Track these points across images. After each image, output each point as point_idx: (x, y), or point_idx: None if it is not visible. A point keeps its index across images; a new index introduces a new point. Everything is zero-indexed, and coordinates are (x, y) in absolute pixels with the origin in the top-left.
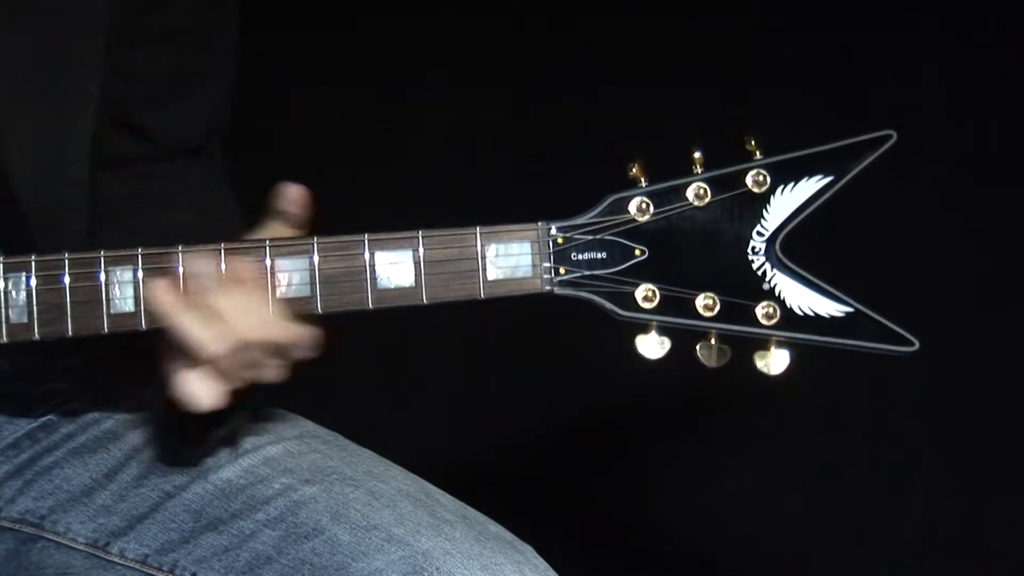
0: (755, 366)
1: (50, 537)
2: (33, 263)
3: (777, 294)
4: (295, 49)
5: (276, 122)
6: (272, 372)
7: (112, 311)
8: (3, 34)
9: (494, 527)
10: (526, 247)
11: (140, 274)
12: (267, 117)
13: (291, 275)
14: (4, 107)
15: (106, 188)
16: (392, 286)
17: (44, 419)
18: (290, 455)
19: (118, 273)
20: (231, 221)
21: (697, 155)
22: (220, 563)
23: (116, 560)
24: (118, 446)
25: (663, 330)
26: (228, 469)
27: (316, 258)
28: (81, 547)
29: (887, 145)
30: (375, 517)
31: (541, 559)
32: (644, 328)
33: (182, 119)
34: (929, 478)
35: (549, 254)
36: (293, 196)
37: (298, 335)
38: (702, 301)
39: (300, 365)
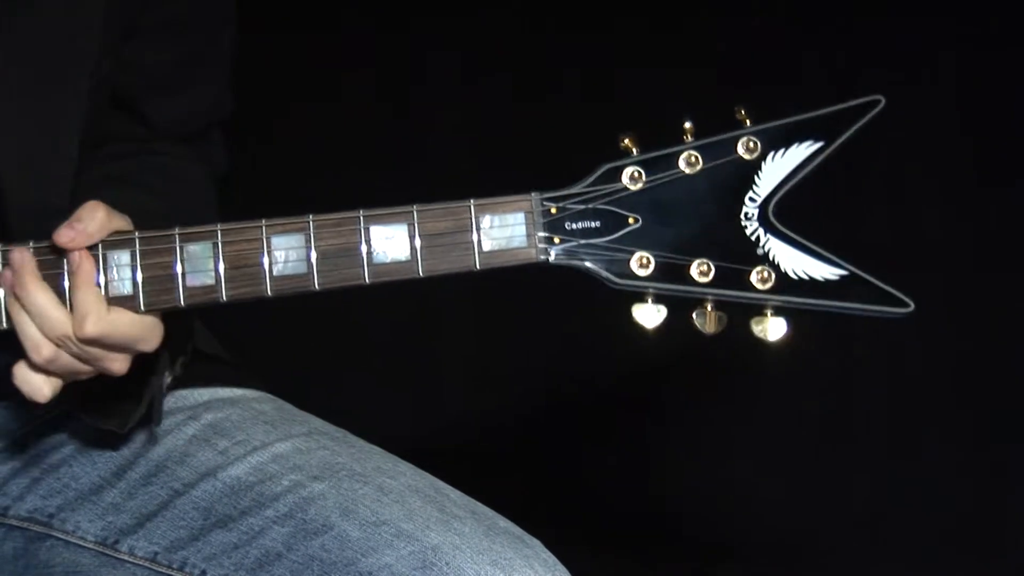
0: (752, 333)
1: (59, 536)
2: (32, 249)
3: (771, 259)
4: (290, 40)
5: (275, 112)
6: (116, 364)
7: (110, 294)
8: None
9: (503, 522)
10: (520, 218)
11: (138, 257)
12: (266, 108)
13: (287, 253)
14: None
15: (88, 164)
16: (388, 260)
17: (51, 415)
18: (299, 452)
19: (116, 256)
20: (199, 203)
21: (688, 125)
22: (230, 560)
23: (125, 558)
24: (126, 444)
25: (659, 298)
26: (237, 466)
27: (311, 235)
28: (90, 545)
29: (876, 110)
30: (384, 513)
31: (550, 553)
32: (640, 297)
33: (179, 109)
34: (937, 466)
35: (543, 224)
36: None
37: (128, 331)
38: (697, 267)
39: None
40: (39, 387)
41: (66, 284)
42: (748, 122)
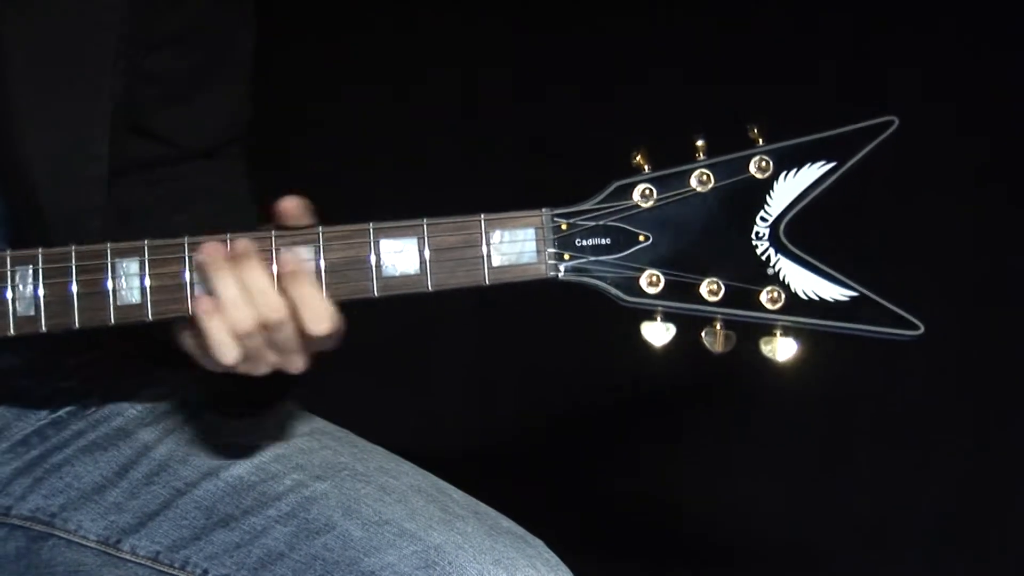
0: (761, 352)
1: (61, 535)
2: (40, 256)
3: (781, 279)
4: (302, 49)
5: (287, 123)
6: (302, 362)
7: (119, 303)
8: (21, 33)
9: (506, 522)
10: (530, 233)
11: (147, 265)
12: (279, 120)
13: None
14: (23, 104)
15: (123, 193)
16: (397, 274)
17: (54, 416)
18: (301, 452)
19: (124, 265)
20: (247, 217)
21: (700, 142)
22: (232, 559)
23: (127, 557)
24: (128, 443)
25: (668, 316)
26: (239, 466)
27: (321, 247)
28: (92, 545)
29: (889, 131)
30: (386, 512)
31: (552, 553)
32: (649, 314)
33: (199, 121)
34: (938, 472)
35: (553, 240)
36: (291, 210)
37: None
38: (707, 286)
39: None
40: (230, 347)
41: (74, 289)
42: (760, 141)
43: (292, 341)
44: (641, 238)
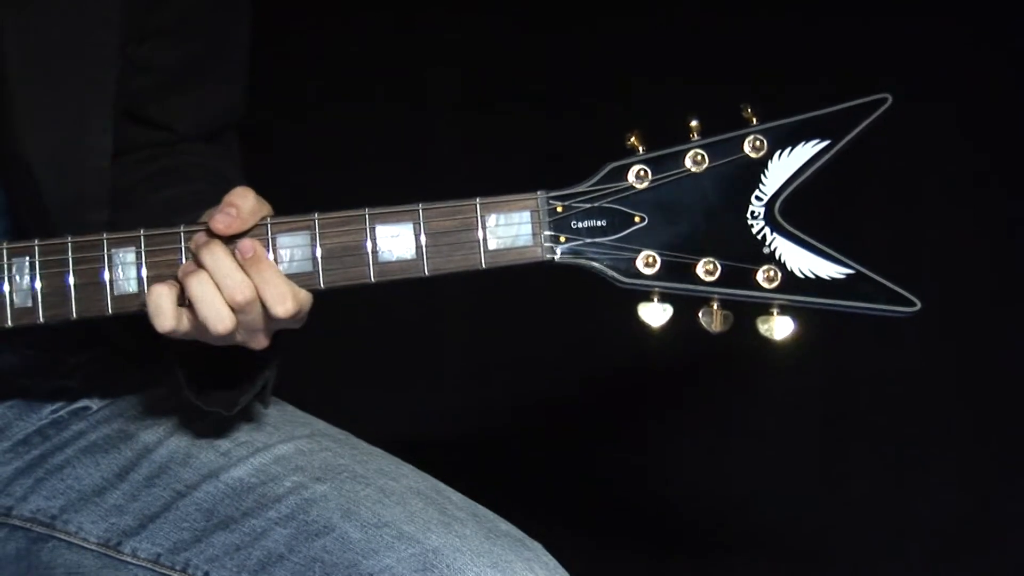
0: (758, 332)
1: (61, 536)
2: (36, 247)
3: (778, 257)
4: (291, 40)
5: (278, 113)
6: (264, 339)
7: (116, 292)
8: (19, 28)
9: (504, 525)
10: (526, 216)
11: (143, 255)
12: (270, 109)
13: (292, 251)
14: (23, 99)
15: (122, 172)
16: (394, 259)
17: (55, 416)
18: (301, 454)
19: (121, 255)
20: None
21: (694, 123)
22: (232, 562)
23: (128, 559)
24: (129, 445)
25: (665, 297)
26: (239, 468)
27: (317, 233)
28: (93, 547)
29: (883, 108)
30: (386, 514)
31: (551, 556)
32: (646, 296)
33: (195, 110)
34: (937, 466)
35: (549, 223)
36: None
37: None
38: (703, 266)
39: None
40: (169, 315)
41: (71, 280)
42: (755, 120)
43: (257, 321)
44: (637, 219)
